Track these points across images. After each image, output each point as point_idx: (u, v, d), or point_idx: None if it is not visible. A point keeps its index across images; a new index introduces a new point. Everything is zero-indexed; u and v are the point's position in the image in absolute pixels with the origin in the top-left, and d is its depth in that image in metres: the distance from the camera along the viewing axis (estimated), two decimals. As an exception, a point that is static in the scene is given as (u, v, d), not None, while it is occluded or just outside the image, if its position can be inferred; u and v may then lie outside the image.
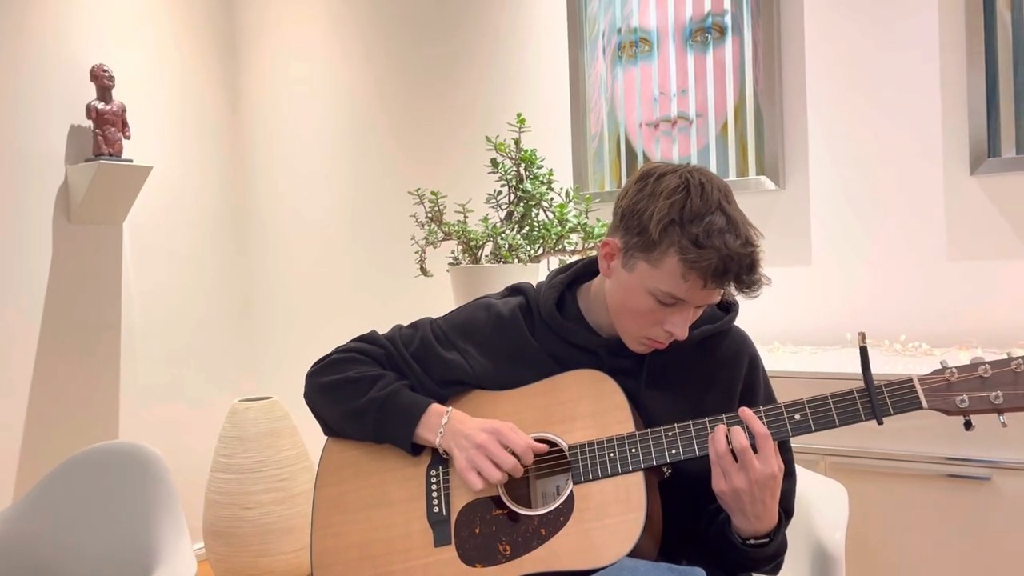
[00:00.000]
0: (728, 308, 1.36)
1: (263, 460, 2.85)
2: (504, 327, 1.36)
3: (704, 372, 1.31)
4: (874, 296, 2.26)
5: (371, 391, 1.32)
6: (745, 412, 1.18)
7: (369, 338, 1.43)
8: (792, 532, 1.55)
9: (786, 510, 1.29)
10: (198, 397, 3.33)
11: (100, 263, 3.03)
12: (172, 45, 3.26)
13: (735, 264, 1.15)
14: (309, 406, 1.42)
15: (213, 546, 2.87)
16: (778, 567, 1.30)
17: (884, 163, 2.25)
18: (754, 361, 1.36)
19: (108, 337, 3.05)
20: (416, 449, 1.31)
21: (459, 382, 1.35)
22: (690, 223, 1.15)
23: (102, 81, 2.88)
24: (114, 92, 2.91)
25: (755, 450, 1.15)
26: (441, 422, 1.28)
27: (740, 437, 1.15)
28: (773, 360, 2.05)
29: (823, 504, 1.53)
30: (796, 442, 1.93)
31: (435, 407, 1.30)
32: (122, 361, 3.09)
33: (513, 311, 1.37)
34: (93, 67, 2.89)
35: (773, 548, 1.22)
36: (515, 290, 1.44)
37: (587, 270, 1.39)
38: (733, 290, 1.20)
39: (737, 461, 1.15)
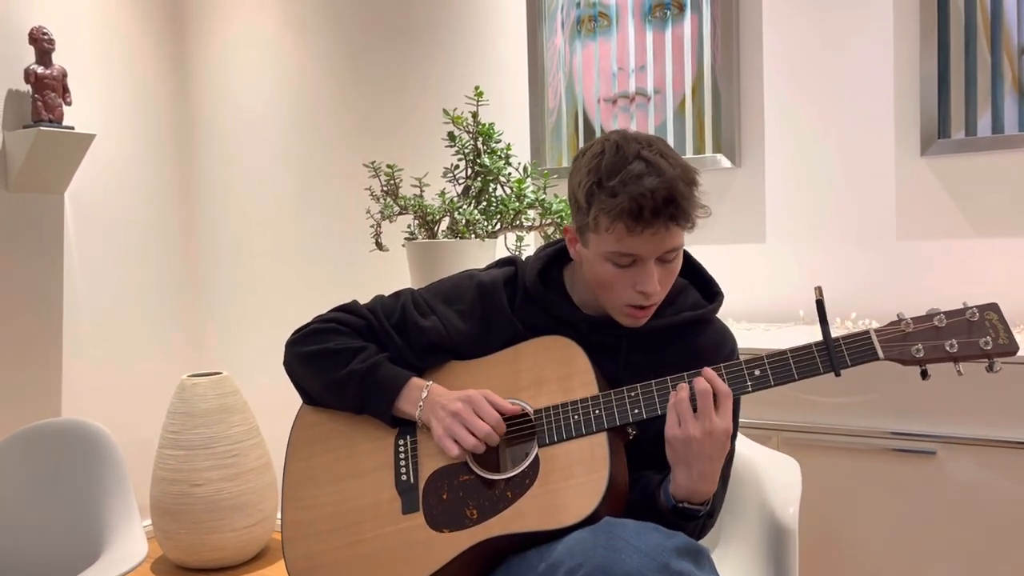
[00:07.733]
0: (713, 298, 1.38)
1: (213, 436, 2.81)
2: (483, 296, 1.37)
3: (682, 356, 1.32)
4: (826, 274, 2.29)
5: (352, 363, 1.33)
6: (707, 371, 1.20)
7: (350, 308, 1.42)
8: (746, 505, 1.58)
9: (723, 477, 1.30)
10: (145, 373, 3.25)
11: (41, 234, 2.93)
12: (115, 8, 3.14)
13: (648, 200, 1.15)
14: (289, 374, 1.41)
15: (161, 523, 2.82)
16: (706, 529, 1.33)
17: (838, 143, 2.27)
18: (734, 355, 1.37)
19: (49, 309, 2.96)
20: (395, 421, 1.32)
21: (435, 346, 1.36)
22: (608, 180, 1.18)
23: (41, 44, 2.76)
24: (54, 56, 2.80)
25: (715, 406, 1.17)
26: (421, 395, 1.30)
27: (703, 383, 1.17)
28: (728, 337, 2.06)
29: (777, 478, 1.55)
30: (750, 418, 1.96)
31: (415, 381, 1.32)
32: (65, 335, 3.00)
33: (495, 281, 1.38)
34: (32, 29, 2.76)
35: (700, 523, 1.25)
36: (506, 261, 1.46)
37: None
38: (673, 226, 1.18)
39: (696, 411, 1.16)
